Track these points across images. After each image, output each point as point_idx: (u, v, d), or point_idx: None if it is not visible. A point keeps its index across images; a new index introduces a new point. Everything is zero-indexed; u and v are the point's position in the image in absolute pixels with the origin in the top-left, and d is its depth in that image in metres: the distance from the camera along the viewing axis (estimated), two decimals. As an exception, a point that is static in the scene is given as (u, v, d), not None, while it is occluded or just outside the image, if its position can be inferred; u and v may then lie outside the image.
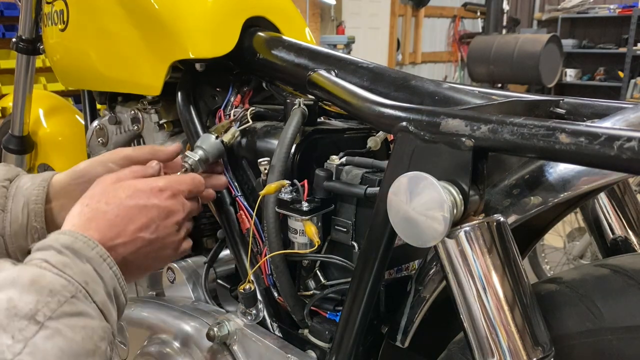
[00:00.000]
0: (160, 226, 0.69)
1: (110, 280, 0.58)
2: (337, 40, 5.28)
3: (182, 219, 0.72)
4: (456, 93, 0.69)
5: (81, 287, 0.54)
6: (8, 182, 0.79)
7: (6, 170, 0.80)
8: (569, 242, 2.52)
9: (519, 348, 0.51)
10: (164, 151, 0.83)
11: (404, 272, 0.73)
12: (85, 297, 0.54)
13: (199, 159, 0.81)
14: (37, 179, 0.79)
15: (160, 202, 0.69)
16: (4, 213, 0.77)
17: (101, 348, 0.53)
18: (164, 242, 0.70)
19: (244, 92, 0.92)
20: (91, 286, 0.55)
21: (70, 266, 0.55)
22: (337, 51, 0.91)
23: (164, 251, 0.71)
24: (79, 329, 0.51)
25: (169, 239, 0.70)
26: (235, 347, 0.83)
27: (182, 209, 0.72)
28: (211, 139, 0.83)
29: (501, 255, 0.52)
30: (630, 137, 0.41)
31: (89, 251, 0.58)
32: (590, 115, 0.67)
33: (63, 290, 0.52)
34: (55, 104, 1.60)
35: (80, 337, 0.51)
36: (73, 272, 0.54)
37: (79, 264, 0.56)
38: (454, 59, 7.77)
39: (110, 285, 0.58)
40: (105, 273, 0.58)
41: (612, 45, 7.31)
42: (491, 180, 0.61)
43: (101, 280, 0.57)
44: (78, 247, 0.57)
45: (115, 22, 0.96)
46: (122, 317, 0.63)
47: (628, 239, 0.85)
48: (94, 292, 0.55)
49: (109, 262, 0.59)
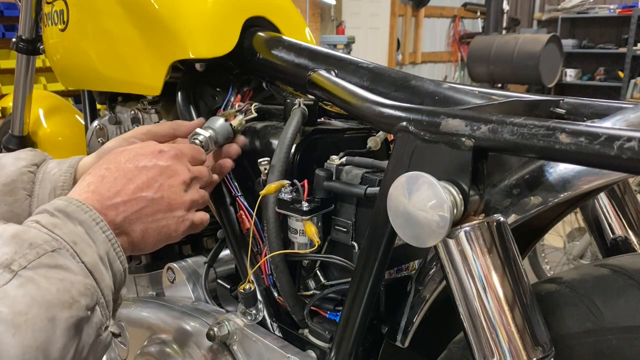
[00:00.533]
0: (164, 185, 0.67)
1: (103, 243, 0.58)
2: (337, 40, 5.28)
3: (188, 179, 0.70)
4: (456, 93, 0.70)
5: (68, 246, 0.54)
6: (35, 167, 0.79)
7: (33, 155, 0.81)
8: (569, 242, 2.52)
9: (519, 348, 0.51)
10: (186, 125, 0.83)
11: (404, 272, 0.73)
12: (72, 256, 0.54)
13: (210, 136, 0.79)
14: (64, 165, 0.80)
15: (162, 161, 0.68)
16: (30, 198, 0.78)
17: (80, 302, 0.51)
18: (170, 203, 0.67)
19: (244, 92, 0.92)
20: (80, 246, 0.55)
21: (59, 227, 0.55)
22: (337, 51, 0.91)
23: (173, 213, 0.68)
24: (55, 280, 0.50)
25: (175, 199, 0.68)
26: (235, 347, 0.83)
27: (186, 169, 0.70)
28: (220, 120, 0.82)
29: (501, 255, 0.52)
30: (630, 137, 0.41)
31: (81, 214, 0.57)
32: (590, 115, 0.67)
33: (44, 244, 0.52)
34: (55, 104, 1.60)
35: (56, 288, 0.50)
36: (62, 232, 0.55)
37: (69, 226, 0.56)
38: (454, 59, 7.77)
39: (102, 248, 0.57)
40: (97, 236, 0.57)
41: (612, 45, 7.31)
42: (491, 180, 0.61)
43: (93, 243, 0.57)
44: (70, 210, 0.57)
45: (115, 22, 0.96)
46: (123, 284, 0.62)
47: (628, 239, 0.85)
48: (82, 252, 0.55)
49: (101, 225, 0.58)
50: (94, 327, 0.54)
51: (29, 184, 0.78)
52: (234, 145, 0.84)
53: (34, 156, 0.81)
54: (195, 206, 0.71)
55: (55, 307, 0.49)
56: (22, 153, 0.81)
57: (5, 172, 0.78)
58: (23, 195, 0.77)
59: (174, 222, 0.68)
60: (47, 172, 0.79)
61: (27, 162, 0.79)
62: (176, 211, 0.68)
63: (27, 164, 0.79)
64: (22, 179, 0.77)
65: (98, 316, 0.55)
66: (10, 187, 0.77)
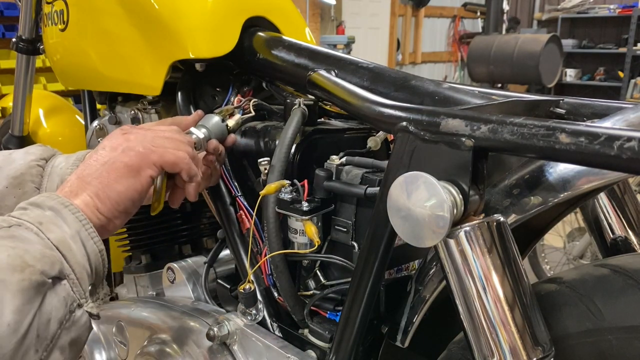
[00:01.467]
0: (115, 142, 0.68)
1: (73, 223, 0.59)
2: (337, 40, 5.28)
3: (127, 129, 0.71)
4: (456, 93, 0.70)
5: (33, 226, 0.55)
6: (44, 162, 0.82)
7: (42, 150, 0.83)
8: (569, 242, 2.52)
9: (519, 348, 0.51)
10: (186, 120, 0.83)
11: (404, 272, 0.73)
12: (35, 234, 0.55)
13: (204, 138, 0.80)
14: (71, 159, 0.82)
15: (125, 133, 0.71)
16: (39, 191, 0.80)
17: (34, 267, 0.52)
18: (112, 148, 0.68)
19: (244, 92, 0.92)
20: (46, 226, 0.56)
21: (27, 214, 0.57)
22: (337, 51, 0.91)
23: (114, 153, 0.67)
24: (5, 248, 0.52)
25: (113, 144, 0.68)
26: (235, 347, 0.83)
27: (126, 127, 0.72)
28: (215, 118, 0.82)
29: (501, 255, 0.52)
30: (630, 137, 0.41)
31: (50, 201, 0.59)
32: (590, 115, 0.67)
33: (2, 222, 0.55)
34: (55, 104, 1.60)
35: (6, 255, 0.51)
36: (28, 217, 0.57)
37: (37, 211, 0.58)
38: (454, 59, 7.77)
39: (73, 227, 0.58)
40: (66, 216, 0.59)
41: (612, 45, 7.32)
42: (491, 180, 0.61)
43: (63, 222, 0.58)
44: (40, 200, 0.59)
45: (115, 22, 0.96)
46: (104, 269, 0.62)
47: (628, 239, 0.85)
48: (48, 230, 0.56)
49: (70, 208, 0.60)
50: (61, 300, 0.54)
51: (37, 177, 0.80)
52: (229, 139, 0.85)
53: (43, 151, 0.83)
54: (145, 140, 0.69)
55: (4, 270, 0.50)
56: (32, 148, 0.84)
57: (14, 165, 0.80)
58: (31, 187, 0.80)
59: (122, 154, 0.67)
60: (55, 165, 0.82)
61: (36, 157, 0.82)
62: (119, 147, 0.68)
63: (36, 158, 0.81)
64: (30, 172, 0.80)
65: (67, 289, 0.55)
66: (19, 180, 0.79)
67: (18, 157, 0.81)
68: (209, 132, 0.81)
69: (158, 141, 0.70)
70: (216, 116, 0.83)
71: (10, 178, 0.79)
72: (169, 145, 0.71)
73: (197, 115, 0.84)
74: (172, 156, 0.70)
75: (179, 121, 0.83)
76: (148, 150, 0.68)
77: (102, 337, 1.05)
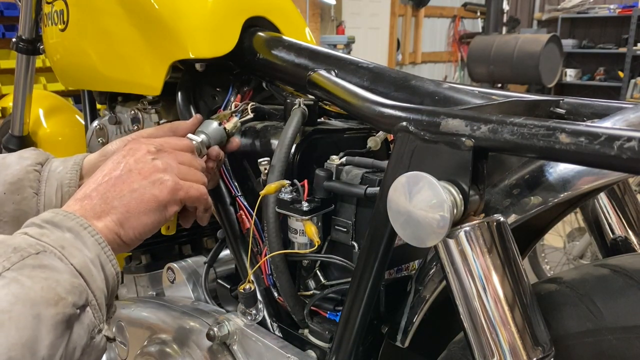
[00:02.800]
0: (129, 162, 0.67)
1: (93, 246, 0.58)
2: (337, 40, 5.29)
3: (153, 149, 0.69)
4: (456, 93, 0.69)
5: (56, 250, 0.54)
6: (40, 166, 0.80)
7: (37, 154, 0.82)
8: (569, 242, 2.52)
9: (519, 348, 0.51)
10: (184, 125, 0.83)
11: (404, 272, 0.73)
12: (59, 258, 0.54)
13: (202, 141, 0.80)
14: (69, 163, 0.81)
15: (127, 146, 0.69)
16: (38, 196, 0.79)
17: (66, 300, 0.51)
18: (141, 172, 0.66)
19: (244, 92, 0.92)
20: (68, 250, 0.55)
21: (47, 235, 0.56)
22: (337, 51, 0.91)
23: (148, 179, 0.66)
24: (39, 279, 0.50)
25: (144, 167, 0.66)
26: (235, 347, 0.83)
27: (148, 144, 0.70)
28: (214, 124, 0.82)
29: (501, 255, 0.52)
30: (630, 137, 0.41)
31: (69, 222, 0.58)
32: (590, 115, 0.67)
33: (29, 247, 0.52)
34: (55, 104, 1.60)
35: (40, 287, 0.50)
36: (49, 239, 0.55)
37: (57, 233, 0.56)
38: (454, 59, 7.77)
39: (93, 251, 0.57)
40: (86, 239, 0.57)
41: (612, 45, 7.32)
42: (491, 180, 0.61)
43: (83, 246, 0.57)
44: (58, 219, 0.58)
45: (115, 22, 0.96)
46: (117, 289, 0.61)
47: (628, 239, 0.85)
48: (71, 255, 0.55)
49: (89, 230, 0.58)
50: (85, 327, 0.54)
51: (35, 182, 0.79)
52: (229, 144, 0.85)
53: (37, 155, 0.82)
54: (172, 170, 0.69)
55: (39, 304, 0.49)
56: (26, 152, 0.82)
57: (10, 171, 0.78)
58: (30, 193, 0.78)
59: (152, 186, 0.66)
60: (52, 170, 0.80)
61: (32, 161, 0.80)
62: (150, 176, 0.66)
63: (32, 163, 0.80)
64: (28, 177, 0.78)
65: (90, 317, 0.54)
66: (17, 185, 0.78)
67: (12, 161, 0.80)
68: (208, 138, 0.81)
69: (183, 171, 0.70)
70: (214, 121, 0.83)
71: (7, 184, 0.77)
72: (191, 177, 0.71)
73: (195, 120, 0.84)
74: (196, 192, 0.70)
75: (177, 126, 0.83)
76: (177, 186, 0.68)
77: (102, 337, 1.05)
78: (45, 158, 0.82)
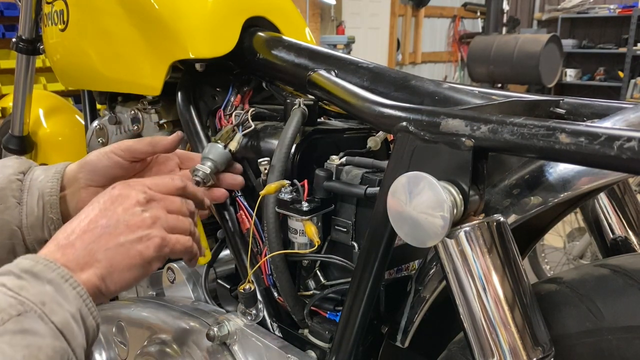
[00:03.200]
0: (117, 210, 0.64)
1: (74, 300, 0.55)
2: (337, 40, 5.29)
3: (143, 199, 0.66)
4: (456, 93, 0.70)
5: (36, 307, 0.52)
6: (22, 175, 0.79)
7: (19, 163, 0.80)
8: (569, 242, 2.52)
9: (519, 348, 0.51)
10: (164, 141, 0.82)
11: (404, 272, 0.73)
12: (40, 317, 0.52)
13: (210, 172, 0.80)
14: (50, 171, 0.80)
15: (115, 191, 0.66)
16: (20, 206, 0.77)
17: None
18: (128, 225, 0.63)
19: (244, 92, 0.92)
20: (49, 306, 0.53)
21: (26, 288, 0.53)
22: (337, 51, 0.91)
23: (135, 234, 0.63)
24: (20, 348, 0.48)
25: (131, 219, 0.64)
26: (235, 347, 0.83)
27: (139, 192, 0.66)
28: (219, 149, 0.82)
29: (501, 255, 0.52)
30: (630, 137, 0.41)
31: (49, 273, 0.55)
32: (590, 115, 0.67)
33: (9, 308, 0.50)
34: (55, 104, 1.60)
35: (21, 355, 0.48)
36: (29, 294, 0.52)
37: (37, 286, 0.54)
38: (454, 59, 7.77)
39: (74, 305, 0.55)
40: (67, 293, 0.55)
41: (612, 45, 7.32)
42: (491, 180, 0.61)
43: (64, 300, 0.54)
44: (38, 270, 0.55)
45: (115, 22, 0.96)
46: (96, 339, 0.59)
47: (628, 239, 0.85)
48: (52, 312, 0.53)
49: (71, 282, 0.56)
50: None
51: (18, 191, 0.77)
52: (235, 177, 0.84)
53: (20, 164, 0.80)
54: (161, 224, 0.66)
55: None
56: (9, 161, 0.80)
57: None
58: (13, 203, 0.77)
59: (139, 241, 0.63)
60: (34, 179, 0.79)
61: (14, 170, 0.78)
62: (138, 231, 0.64)
63: (15, 172, 0.78)
64: (11, 187, 0.77)
65: None
66: (0, 194, 0.76)
67: None
68: (215, 164, 0.81)
69: (171, 223, 0.68)
70: (218, 144, 0.82)
71: None
72: (179, 228, 0.68)
73: (176, 137, 0.82)
74: (182, 247, 0.68)
75: (157, 141, 0.81)
76: (164, 242, 0.65)
77: (102, 337, 1.05)
78: (28, 166, 0.81)
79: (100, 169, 0.80)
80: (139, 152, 0.80)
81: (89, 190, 0.80)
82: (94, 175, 0.80)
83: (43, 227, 0.78)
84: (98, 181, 0.80)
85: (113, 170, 0.80)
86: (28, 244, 0.78)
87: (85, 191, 0.80)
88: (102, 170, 0.80)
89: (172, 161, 0.86)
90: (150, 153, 0.82)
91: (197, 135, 0.90)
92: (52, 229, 0.78)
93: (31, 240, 0.78)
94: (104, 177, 0.80)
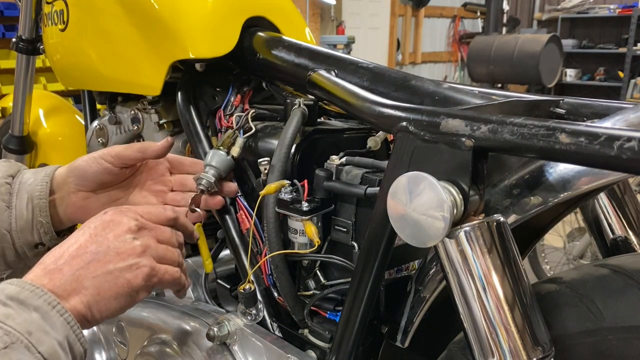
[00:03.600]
0: (107, 237, 0.63)
1: (62, 327, 0.55)
2: (337, 40, 5.29)
3: (134, 227, 0.65)
4: (456, 93, 0.69)
5: (23, 337, 0.51)
6: (11, 179, 0.78)
7: (8, 167, 0.80)
8: (569, 242, 2.52)
9: (519, 348, 0.51)
10: (154, 147, 0.81)
11: (404, 272, 0.73)
12: (26, 348, 0.51)
13: (214, 180, 0.80)
14: (39, 175, 0.79)
15: (106, 217, 0.65)
16: (9, 209, 0.77)
17: None
18: (118, 252, 0.62)
19: (244, 92, 0.92)
20: (36, 335, 0.52)
21: (12, 317, 0.52)
22: (337, 51, 0.91)
23: (124, 262, 0.63)
24: None
25: (122, 247, 0.63)
26: (235, 347, 0.83)
27: (131, 219, 0.66)
28: (221, 156, 0.82)
29: (501, 255, 0.52)
30: (630, 137, 0.41)
31: (36, 299, 0.54)
32: (590, 115, 0.67)
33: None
34: (55, 104, 1.60)
35: None
36: (15, 323, 0.52)
37: (23, 314, 0.53)
38: (454, 59, 7.77)
39: (61, 333, 0.54)
40: (54, 320, 0.54)
41: (612, 45, 7.32)
42: (491, 180, 0.61)
43: (51, 328, 0.54)
44: (24, 296, 0.54)
45: (115, 22, 0.96)
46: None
47: (628, 239, 0.85)
48: (39, 342, 0.52)
49: (58, 308, 0.55)
50: None
51: (7, 195, 0.77)
52: (231, 184, 0.85)
53: (8, 167, 0.80)
54: (150, 253, 0.65)
55: None
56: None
57: None
58: (2, 206, 0.76)
59: (128, 270, 0.63)
60: (22, 182, 0.78)
61: (3, 173, 0.78)
62: (127, 259, 0.63)
63: (3, 175, 0.78)
64: (0, 191, 0.77)
65: None
66: None
67: None
68: (218, 171, 0.81)
69: (161, 253, 0.67)
70: (221, 151, 0.82)
71: None
72: (168, 258, 0.68)
73: (166, 143, 0.81)
74: (170, 278, 0.68)
75: (147, 147, 0.81)
76: (152, 272, 0.65)
77: (102, 337, 1.05)
78: (17, 170, 0.80)
79: (90, 175, 0.79)
80: (129, 159, 0.80)
81: (78, 194, 0.80)
82: (84, 180, 0.80)
83: (32, 230, 0.78)
84: (87, 186, 0.80)
85: (102, 175, 0.80)
86: (17, 248, 0.78)
87: (75, 195, 0.80)
88: (91, 176, 0.80)
89: (162, 165, 0.86)
90: (140, 159, 0.82)
91: (197, 136, 0.90)
92: (41, 233, 0.78)
93: (20, 243, 0.78)
94: (93, 182, 0.80)
